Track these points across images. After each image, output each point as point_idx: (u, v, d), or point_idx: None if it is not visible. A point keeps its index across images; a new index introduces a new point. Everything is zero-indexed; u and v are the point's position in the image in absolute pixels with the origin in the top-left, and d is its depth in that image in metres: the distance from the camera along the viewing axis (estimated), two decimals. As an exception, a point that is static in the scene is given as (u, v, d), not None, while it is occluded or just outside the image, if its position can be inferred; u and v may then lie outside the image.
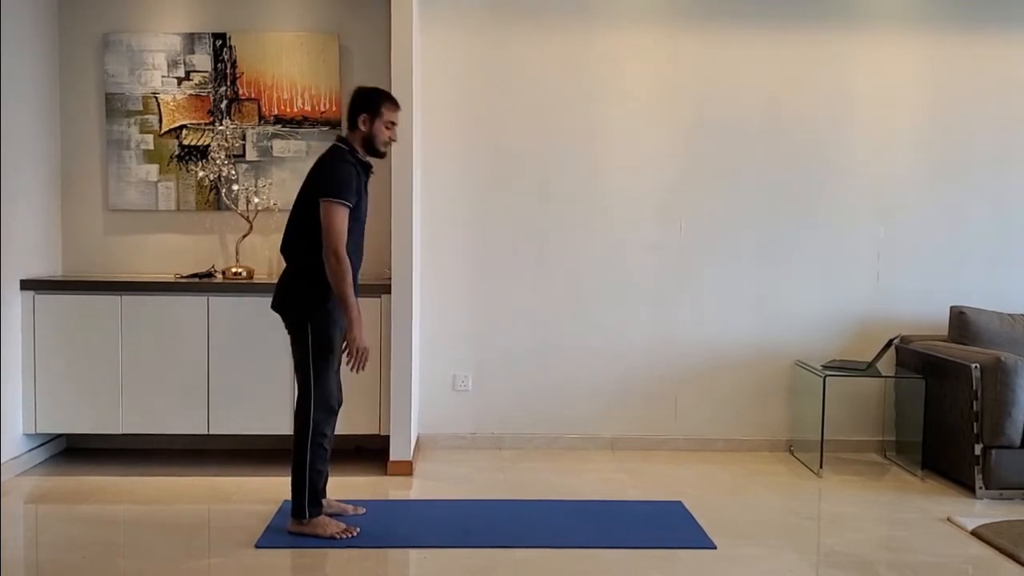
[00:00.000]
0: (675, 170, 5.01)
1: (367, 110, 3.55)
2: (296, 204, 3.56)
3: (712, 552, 3.46)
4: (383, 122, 3.56)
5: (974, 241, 5.07)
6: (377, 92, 3.62)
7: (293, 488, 3.52)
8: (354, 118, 3.56)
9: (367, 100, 3.57)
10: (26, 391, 4.40)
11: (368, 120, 3.54)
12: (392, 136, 3.62)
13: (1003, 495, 4.23)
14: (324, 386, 3.51)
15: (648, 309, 5.03)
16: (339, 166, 3.47)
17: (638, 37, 4.97)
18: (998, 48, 5.01)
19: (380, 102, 3.57)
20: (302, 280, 3.52)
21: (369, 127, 3.54)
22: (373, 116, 3.54)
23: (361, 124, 3.55)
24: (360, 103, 3.57)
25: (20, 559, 3.34)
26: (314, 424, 3.49)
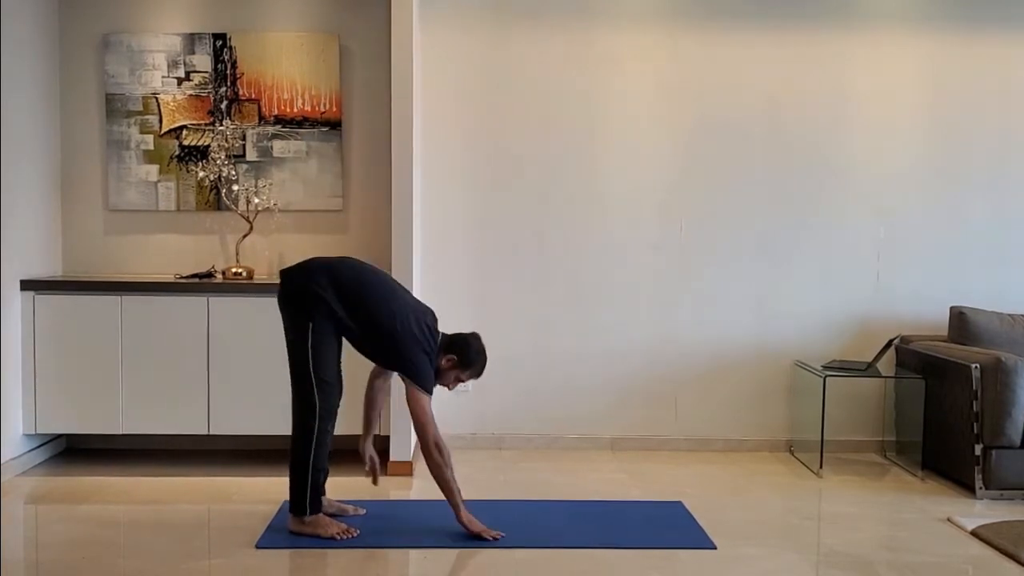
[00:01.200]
0: (675, 170, 5.01)
1: (461, 361, 3.60)
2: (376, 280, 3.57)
3: (712, 552, 3.46)
4: (457, 376, 3.63)
5: (974, 241, 5.07)
6: (480, 355, 3.64)
7: (293, 485, 3.52)
8: (451, 351, 3.59)
9: (468, 355, 3.61)
10: (26, 391, 4.40)
11: (452, 365, 3.60)
12: (451, 388, 3.71)
13: (1003, 495, 4.23)
14: (328, 384, 3.51)
15: (648, 309, 5.03)
16: (426, 361, 3.51)
17: (638, 37, 4.98)
18: (998, 48, 5.02)
19: (473, 366, 3.63)
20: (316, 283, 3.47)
21: (448, 368, 3.61)
22: (459, 368, 3.61)
23: (445, 361, 3.59)
24: (464, 350, 3.60)
25: (20, 559, 3.34)
26: (319, 422, 3.49)
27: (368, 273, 3.61)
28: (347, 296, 3.48)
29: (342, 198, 4.89)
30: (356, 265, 3.64)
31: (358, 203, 4.91)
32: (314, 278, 3.48)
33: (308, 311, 3.46)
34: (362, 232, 4.90)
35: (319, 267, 3.55)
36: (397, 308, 3.51)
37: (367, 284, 3.55)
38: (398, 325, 3.47)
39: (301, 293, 3.48)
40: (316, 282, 3.47)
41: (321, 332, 3.47)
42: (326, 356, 3.50)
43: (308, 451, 3.49)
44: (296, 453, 3.52)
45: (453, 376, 3.63)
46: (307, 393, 3.49)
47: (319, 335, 3.47)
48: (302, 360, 3.49)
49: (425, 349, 3.52)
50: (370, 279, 3.58)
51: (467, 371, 3.63)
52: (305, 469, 3.50)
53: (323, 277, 3.48)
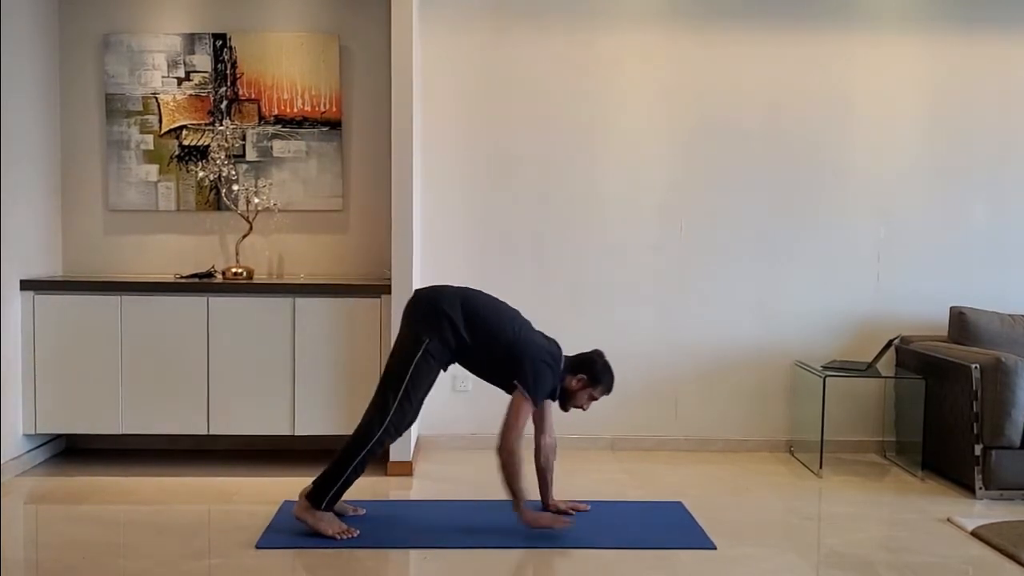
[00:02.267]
0: (675, 171, 5.01)
1: (591, 379, 3.65)
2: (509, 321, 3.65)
3: (712, 552, 3.46)
4: (590, 394, 3.68)
5: (974, 241, 5.07)
6: (607, 371, 3.68)
7: (324, 476, 3.51)
8: (577, 369, 3.64)
9: (596, 372, 3.65)
10: (26, 391, 4.40)
11: (583, 385, 3.65)
12: (583, 408, 3.74)
13: (1003, 495, 4.23)
14: (409, 405, 3.54)
15: (648, 309, 5.03)
16: (548, 375, 3.56)
17: (638, 37, 4.98)
18: (998, 49, 5.02)
19: (603, 381, 3.67)
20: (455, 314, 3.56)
21: (579, 388, 3.65)
22: (589, 385, 3.65)
23: (576, 382, 3.64)
24: (590, 368, 3.65)
25: (20, 559, 3.34)
26: (383, 434, 3.51)
27: (497, 301, 3.75)
28: (476, 317, 3.59)
29: (342, 198, 4.89)
30: (486, 294, 3.77)
31: (358, 203, 4.91)
32: (445, 300, 3.60)
33: (433, 328, 3.54)
34: (362, 232, 4.90)
35: (452, 291, 3.68)
36: (523, 327, 3.68)
37: (497, 306, 3.70)
38: (523, 337, 3.61)
39: (432, 310, 3.57)
40: (445, 303, 3.58)
41: (432, 354, 3.53)
42: (423, 379, 3.55)
43: (358, 454, 3.50)
44: (346, 450, 3.52)
45: (586, 395, 3.69)
46: (386, 403, 3.51)
47: (429, 356, 3.53)
48: (400, 371, 3.53)
49: (549, 362, 3.59)
50: (500, 304, 3.74)
51: (598, 388, 3.68)
52: (345, 469, 3.50)
53: (454, 300, 3.60)
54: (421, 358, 3.52)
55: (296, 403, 4.43)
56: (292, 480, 4.17)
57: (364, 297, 4.46)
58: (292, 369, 4.42)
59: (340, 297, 4.44)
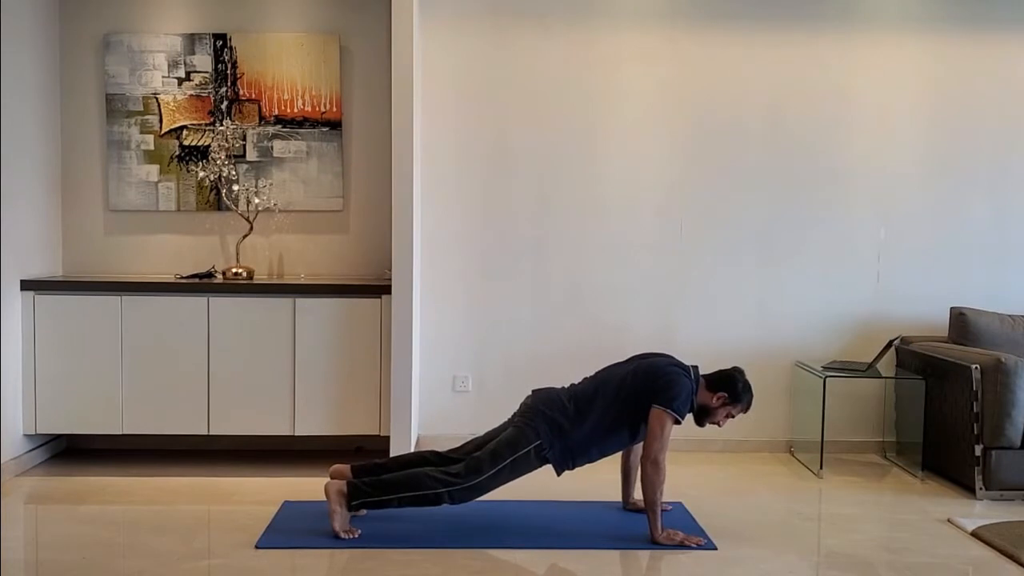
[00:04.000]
0: (675, 171, 5.01)
1: (732, 397, 3.66)
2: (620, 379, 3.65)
3: (712, 553, 3.46)
4: (728, 412, 3.68)
5: (974, 242, 5.07)
6: (748, 390, 3.69)
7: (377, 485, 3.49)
8: (718, 389, 3.65)
9: (738, 390, 3.66)
10: (26, 391, 4.40)
11: (723, 402, 3.66)
12: (720, 425, 3.75)
13: (1003, 496, 4.23)
14: (488, 483, 3.53)
15: (648, 309, 5.03)
16: (687, 385, 3.58)
17: (638, 37, 4.97)
18: (998, 49, 5.02)
19: (742, 400, 3.68)
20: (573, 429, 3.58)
21: (719, 406, 3.66)
22: (730, 404, 3.66)
23: (716, 399, 3.65)
24: (733, 386, 3.66)
25: (20, 559, 3.34)
26: (450, 493, 3.51)
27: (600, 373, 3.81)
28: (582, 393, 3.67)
29: (342, 198, 4.89)
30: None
31: (358, 203, 4.91)
32: (556, 408, 3.61)
33: (543, 435, 3.55)
34: (362, 232, 4.90)
35: (562, 396, 3.68)
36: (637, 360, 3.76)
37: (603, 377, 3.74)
38: (648, 364, 3.66)
39: (541, 416, 3.59)
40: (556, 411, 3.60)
41: (534, 457, 3.54)
42: (511, 471, 3.55)
43: (417, 490, 3.49)
44: (414, 478, 3.51)
45: (725, 412, 3.69)
46: (483, 470, 3.51)
47: (530, 456, 3.54)
48: (501, 453, 3.53)
49: (684, 374, 3.61)
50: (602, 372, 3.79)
51: (738, 406, 3.69)
52: (398, 492, 3.49)
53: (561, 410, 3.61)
54: (523, 456, 3.53)
55: (296, 403, 4.43)
56: (292, 480, 4.17)
57: (364, 297, 4.46)
58: (292, 369, 4.42)
59: (340, 297, 4.44)
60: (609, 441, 3.66)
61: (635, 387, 3.59)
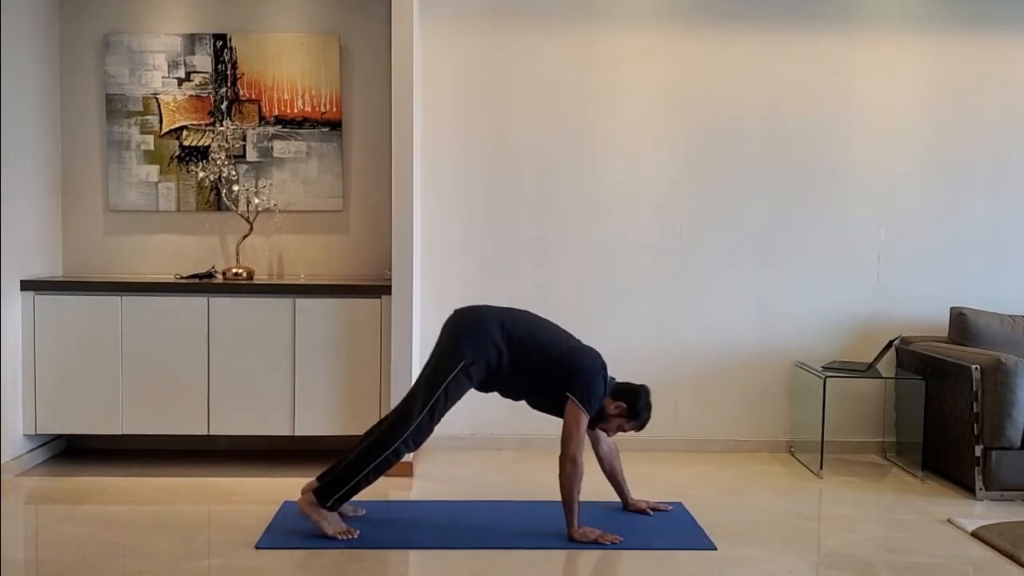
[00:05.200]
0: (675, 171, 5.01)
1: (630, 409, 3.64)
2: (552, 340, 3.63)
3: (712, 553, 3.46)
4: (620, 424, 3.67)
5: (974, 242, 5.07)
6: (647, 409, 3.67)
7: (338, 475, 3.49)
8: (620, 396, 3.64)
9: (637, 406, 3.64)
10: (26, 391, 4.40)
11: (620, 413, 3.64)
12: (610, 434, 3.74)
13: (1003, 496, 4.23)
14: (428, 420, 3.52)
15: (648, 310, 5.03)
16: (600, 384, 3.56)
17: (638, 38, 4.98)
18: (998, 49, 5.02)
19: (639, 417, 3.66)
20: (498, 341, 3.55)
21: (614, 414, 3.64)
22: (626, 417, 3.65)
23: (613, 407, 3.63)
24: (634, 399, 3.64)
25: (20, 559, 3.34)
26: (400, 444, 3.49)
27: (540, 318, 3.77)
28: (520, 336, 3.58)
29: (342, 198, 4.89)
30: (528, 312, 3.79)
31: (358, 203, 4.91)
32: (491, 322, 3.59)
33: (471, 350, 3.52)
34: (362, 232, 4.90)
35: (497, 312, 3.67)
36: (574, 340, 3.70)
37: (540, 322, 3.70)
38: (577, 350, 3.62)
39: (474, 333, 3.56)
40: (491, 326, 3.57)
41: (467, 375, 3.53)
42: (453, 398, 3.54)
43: (373, 461, 3.48)
44: (362, 454, 3.50)
45: (616, 424, 3.68)
46: (411, 413, 3.50)
47: (466, 377, 3.53)
48: (434, 384, 3.51)
49: (601, 374, 3.58)
50: (543, 322, 3.74)
51: (632, 422, 3.67)
52: (358, 473, 3.48)
53: (498, 321, 3.59)
54: (457, 376, 3.51)
55: (296, 403, 4.43)
56: (292, 480, 4.17)
57: (364, 297, 4.46)
58: (292, 369, 4.42)
59: (340, 297, 4.44)
60: (527, 396, 3.69)
61: (557, 375, 3.55)
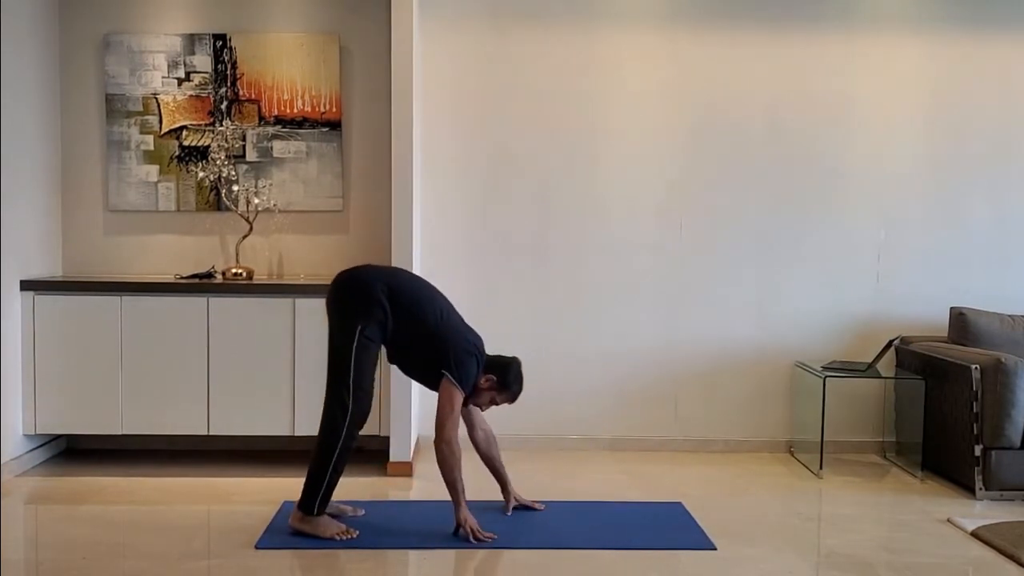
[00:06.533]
0: (675, 171, 5.01)
1: (501, 382, 3.63)
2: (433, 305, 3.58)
3: (712, 553, 3.46)
4: (492, 398, 3.67)
5: (974, 242, 5.07)
6: (518, 381, 3.66)
7: (308, 482, 3.51)
8: (490, 369, 3.62)
9: (507, 377, 3.64)
10: (26, 391, 4.40)
11: (491, 386, 3.63)
12: (484, 408, 3.73)
13: (1003, 496, 4.23)
14: (363, 392, 3.52)
15: (648, 310, 5.03)
16: (472, 363, 3.53)
17: (638, 38, 4.98)
18: (998, 49, 5.02)
19: (510, 388, 3.65)
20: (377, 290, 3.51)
21: (486, 387, 3.63)
22: (496, 389, 3.64)
23: (484, 380, 3.62)
24: (504, 372, 3.63)
25: (20, 559, 3.34)
26: (349, 427, 3.50)
27: (423, 284, 3.72)
28: (401, 302, 3.53)
29: (342, 198, 4.89)
30: (411, 276, 3.77)
31: (358, 203, 4.91)
32: (372, 283, 3.55)
33: (361, 314, 3.49)
34: (362, 232, 4.90)
35: (375, 272, 3.64)
36: (452, 314, 3.63)
37: (422, 290, 3.65)
38: (452, 327, 3.57)
39: (356, 295, 3.53)
40: (372, 285, 3.53)
41: (368, 338, 3.49)
42: (366, 364, 3.52)
43: (332, 454, 3.49)
44: (319, 453, 3.51)
45: (488, 397, 3.67)
46: (342, 397, 3.50)
47: (365, 341, 3.49)
48: (343, 363, 3.50)
49: (474, 354, 3.56)
50: (427, 285, 3.70)
51: (503, 394, 3.67)
52: (324, 470, 3.49)
53: (380, 283, 3.55)
54: (360, 345, 3.47)
55: (296, 403, 4.43)
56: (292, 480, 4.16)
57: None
58: (292, 369, 4.42)
59: (340, 297, 4.43)
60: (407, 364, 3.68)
61: (431, 348, 3.52)
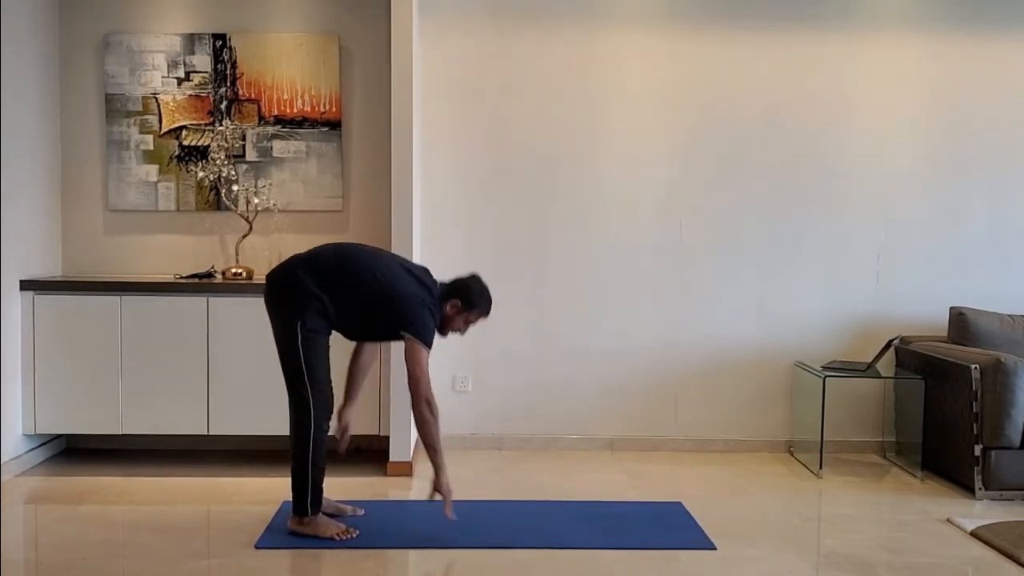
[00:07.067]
0: (675, 170, 5.01)
1: (464, 303, 3.58)
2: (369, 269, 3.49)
3: (712, 553, 3.46)
4: (466, 319, 3.61)
5: (974, 242, 5.07)
6: (483, 296, 3.62)
7: (294, 487, 3.52)
8: (452, 296, 3.57)
9: (470, 296, 3.59)
10: (26, 391, 4.40)
11: (458, 310, 3.58)
12: (462, 332, 3.67)
13: (1003, 496, 4.23)
14: (320, 383, 3.50)
15: (648, 309, 5.03)
16: (426, 314, 3.48)
17: (638, 38, 4.98)
18: (998, 49, 5.02)
19: (477, 305, 3.60)
20: (306, 285, 3.44)
21: (454, 314, 3.58)
22: (464, 310, 3.59)
23: (450, 308, 3.57)
24: (465, 293, 3.58)
25: (20, 559, 3.34)
26: (315, 421, 3.48)
27: (349, 250, 3.62)
28: (331, 280, 3.46)
29: (342, 198, 4.89)
30: (334, 248, 3.64)
31: (358, 203, 4.91)
32: (295, 274, 3.48)
33: (296, 309, 3.45)
34: (362, 232, 4.90)
35: (298, 261, 3.54)
36: (385, 271, 3.50)
37: (349, 258, 3.54)
38: (390, 286, 3.46)
39: (286, 292, 3.48)
40: (298, 277, 3.46)
41: (311, 330, 3.45)
42: (317, 355, 3.48)
43: (307, 451, 3.49)
44: (295, 454, 3.51)
45: (462, 320, 3.61)
46: (300, 394, 3.48)
47: (309, 333, 3.45)
48: (294, 360, 3.47)
49: (426, 303, 3.49)
50: (351, 254, 3.58)
51: (474, 311, 3.60)
52: (305, 470, 3.50)
53: (303, 270, 3.48)
54: (305, 338, 3.44)
55: (296, 403, 4.42)
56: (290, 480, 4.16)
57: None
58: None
59: (340, 297, 4.43)
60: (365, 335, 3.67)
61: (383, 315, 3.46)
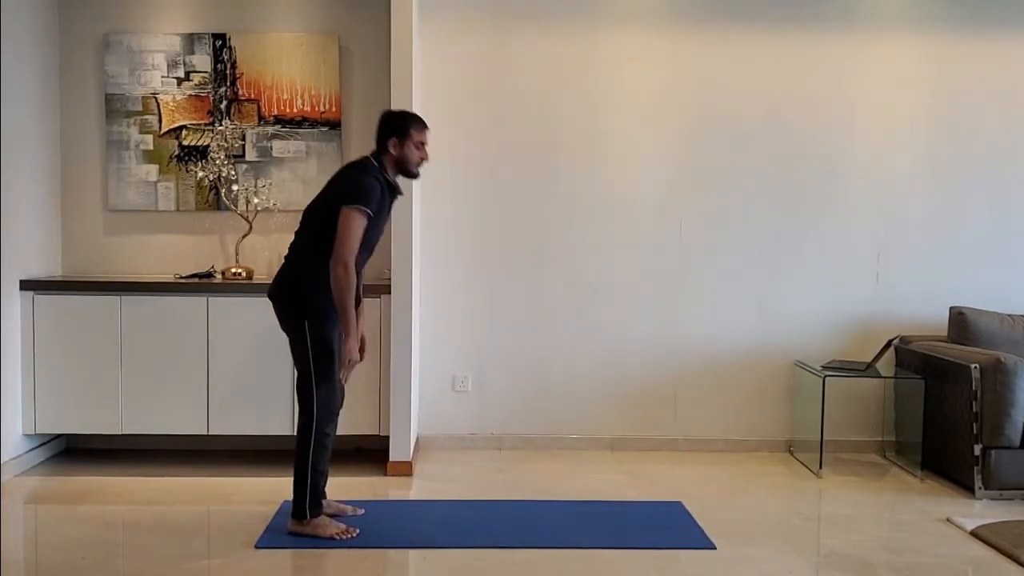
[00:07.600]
0: (675, 171, 5.01)
1: (396, 134, 3.57)
2: (314, 207, 3.55)
3: (712, 553, 3.46)
4: (413, 143, 3.59)
5: (974, 242, 5.07)
6: (404, 115, 3.65)
7: (295, 487, 3.52)
8: (384, 142, 3.57)
9: (395, 124, 3.59)
10: (26, 391, 4.40)
11: (398, 144, 3.56)
12: (424, 156, 3.65)
13: (1002, 495, 4.23)
14: (327, 386, 3.51)
15: (648, 309, 5.03)
16: (368, 179, 3.47)
17: (638, 38, 4.98)
18: (998, 49, 5.02)
19: (408, 125, 3.59)
20: (307, 280, 3.50)
21: (400, 150, 3.57)
22: (403, 139, 3.56)
23: (392, 148, 3.56)
24: (389, 127, 3.59)
25: (20, 559, 3.34)
26: (317, 424, 3.49)
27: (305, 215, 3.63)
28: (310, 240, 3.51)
29: (342, 198, 4.89)
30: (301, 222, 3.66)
31: (358, 203, 4.90)
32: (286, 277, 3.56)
33: (299, 311, 3.49)
34: (362, 232, 4.89)
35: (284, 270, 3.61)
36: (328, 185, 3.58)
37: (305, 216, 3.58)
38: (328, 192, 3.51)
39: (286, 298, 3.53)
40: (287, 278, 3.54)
41: (317, 331, 3.47)
42: (325, 358, 3.50)
43: (307, 453, 3.50)
44: (297, 455, 3.52)
45: (411, 147, 3.57)
46: (306, 395, 3.50)
47: (316, 335, 3.48)
48: (303, 362, 3.51)
49: (365, 172, 3.49)
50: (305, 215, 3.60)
51: (411, 132, 3.56)
52: (304, 472, 3.50)
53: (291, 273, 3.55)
54: (312, 340, 3.48)
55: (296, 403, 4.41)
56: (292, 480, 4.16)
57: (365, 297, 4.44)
58: (292, 369, 4.40)
59: (340, 297, 4.43)
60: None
61: (328, 209, 3.46)
